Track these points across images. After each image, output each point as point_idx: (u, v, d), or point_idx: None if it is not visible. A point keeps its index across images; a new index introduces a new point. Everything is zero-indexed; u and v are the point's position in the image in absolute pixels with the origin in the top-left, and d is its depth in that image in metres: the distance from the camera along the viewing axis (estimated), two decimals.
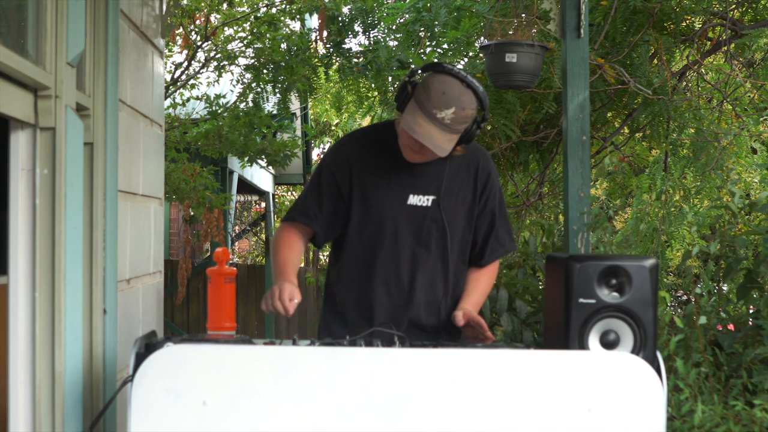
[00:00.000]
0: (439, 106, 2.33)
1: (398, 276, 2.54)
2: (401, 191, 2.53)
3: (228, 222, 8.79)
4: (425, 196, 2.53)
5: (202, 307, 9.36)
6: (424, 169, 2.53)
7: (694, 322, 3.23)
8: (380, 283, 2.55)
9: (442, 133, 2.35)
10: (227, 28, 7.43)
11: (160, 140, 3.50)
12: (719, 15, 5.06)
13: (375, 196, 2.53)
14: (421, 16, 5.87)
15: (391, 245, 2.54)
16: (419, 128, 2.34)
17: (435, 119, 2.33)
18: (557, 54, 4.57)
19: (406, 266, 2.54)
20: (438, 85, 2.35)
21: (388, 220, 2.53)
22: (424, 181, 2.53)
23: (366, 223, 2.55)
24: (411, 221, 2.53)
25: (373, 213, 2.53)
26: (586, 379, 1.98)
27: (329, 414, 1.93)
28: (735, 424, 2.80)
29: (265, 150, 7.07)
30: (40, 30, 2.16)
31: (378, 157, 2.55)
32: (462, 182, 2.57)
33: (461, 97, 2.35)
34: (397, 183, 2.53)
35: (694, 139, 5.51)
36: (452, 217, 2.55)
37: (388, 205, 2.53)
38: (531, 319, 3.92)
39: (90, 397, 2.46)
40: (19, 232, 2.14)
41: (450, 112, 2.33)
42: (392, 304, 2.55)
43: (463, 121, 2.37)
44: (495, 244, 2.64)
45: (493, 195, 2.62)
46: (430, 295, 2.56)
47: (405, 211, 2.53)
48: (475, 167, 2.59)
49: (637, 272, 2.12)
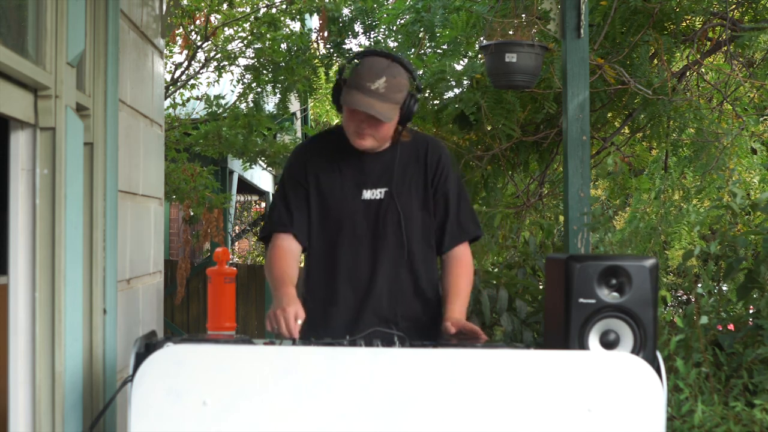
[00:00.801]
0: (370, 79, 2.44)
1: (359, 270, 2.60)
2: (355, 188, 2.60)
3: (228, 222, 8.79)
4: (378, 190, 2.60)
5: (202, 307, 9.34)
6: (375, 164, 2.61)
7: (694, 322, 3.23)
8: (344, 280, 2.61)
9: (381, 103, 2.44)
10: (227, 28, 7.43)
11: (160, 140, 3.50)
12: (719, 15, 5.06)
13: (331, 195, 2.61)
14: (420, 17, 5.88)
15: (351, 241, 2.60)
16: (357, 101, 2.45)
17: (370, 91, 2.44)
18: (557, 54, 4.57)
19: (366, 260, 2.60)
20: (365, 63, 2.48)
21: (345, 217, 2.60)
22: (376, 176, 2.60)
23: (325, 222, 2.63)
24: (367, 216, 2.60)
25: (331, 212, 2.61)
26: (586, 379, 1.98)
27: (329, 414, 1.93)
28: (735, 424, 2.80)
29: (265, 151, 7.08)
30: (40, 30, 2.16)
31: (330, 159, 2.63)
32: (412, 171, 2.63)
33: (389, 67, 2.46)
34: (350, 180, 2.61)
35: (694, 139, 5.52)
36: (406, 206, 2.60)
37: (344, 203, 2.60)
38: (531, 319, 3.92)
39: (90, 397, 2.46)
40: (19, 232, 2.14)
41: (382, 82, 2.43)
42: (357, 298, 2.60)
43: (398, 89, 2.47)
44: (454, 228, 2.65)
45: (445, 179, 2.64)
46: (394, 284, 2.60)
47: (360, 206, 2.60)
48: (423, 154, 2.64)
49: (637, 272, 2.12)
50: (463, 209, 2.67)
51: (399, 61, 2.51)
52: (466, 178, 5.35)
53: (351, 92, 2.46)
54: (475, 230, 2.69)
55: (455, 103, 5.17)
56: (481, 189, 5.60)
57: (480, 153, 5.30)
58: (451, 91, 5.47)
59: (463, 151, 5.32)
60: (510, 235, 4.58)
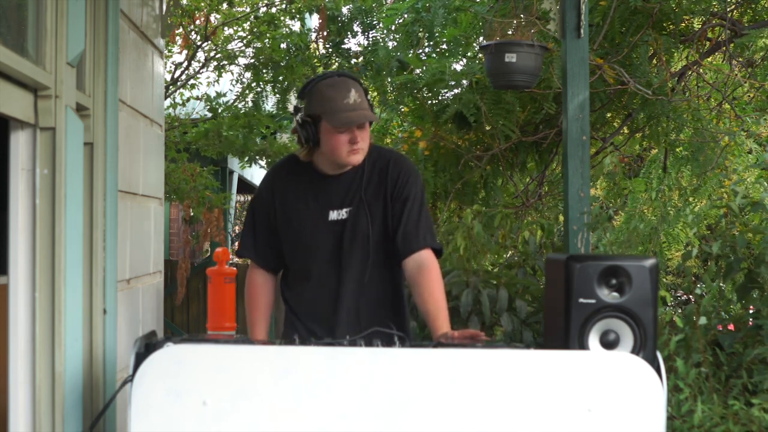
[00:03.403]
0: (344, 97, 2.53)
1: (327, 289, 2.66)
2: (321, 210, 2.66)
3: (228, 222, 8.79)
4: (342, 210, 2.65)
5: (202, 307, 9.33)
6: (339, 185, 2.66)
7: (694, 322, 3.23)
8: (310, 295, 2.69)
9: (365, 111, 2.55)
10: (227, 27, 7.43)
11: (160, 140, 3.50)
12: (719, 15, 5.07)
13: (298, 219, 2.68)
14: (420, 17, 5.88)
15: (319, 261, 2.66)
16: (351, 117, 2.52)
17: (351, 105, 2.53)
18: (557, 54, 4.57)
19: (333, 279, 2.65)
20: (324, 88, 2.56)
21: (312, 240, 2.66)
22: (340, 197, 2.65)
23: (295, 246, 2.69)
24: (333, 236, 2.65)
25: (300, 236, 2.67)
26: (586, 379, 1.98)
27: (329, 414, 1.93)
28: (734, 424, 2.81)
29: (265, 151, 7.08)
30: (40, 30, 2.16)
31: (295, 185, 2.70)
32: (375, 187, 2.66)
33: (345, 82, 2.57)
34: (315, 203, 2.66)
35: (693, 139, 5.52)
36: (366, 224, 2.63)
37: (311, 226, 2.66)
38: (531, 319, 3.92)
39: (90, 397, 2.46)
40: (19, 232, 2.14)
41: (354, 94, 2.54)
42: (324, 314, 2.66)
43: (363, 95, 2.58)
44: (410, 233, 2.62)
45: (402, 189, 2.66)
46: (360, 300, 2.65)
47: (327, 227, 2.65)
48: (385, 168, 2.68)
49: (637, 272, 2.12)
50: (423, 220, 2.66)
51: (344, 74, 2.64)
52: (465, 178, 5.36)
53: (336, 115, 2.52)
54: (431, 241, 2.65)
55: (454, 103, 5.17)
56: (480, 189, 5.60)
57: (479, 153, 5.30)
58: (450, 91, 5.47)
59: (462, 151, 5.32)
60: (510, 235, 4.57)
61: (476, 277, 3.95)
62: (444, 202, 5.42)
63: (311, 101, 2.59)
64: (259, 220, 2.74)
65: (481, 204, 5.45)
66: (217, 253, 5.77)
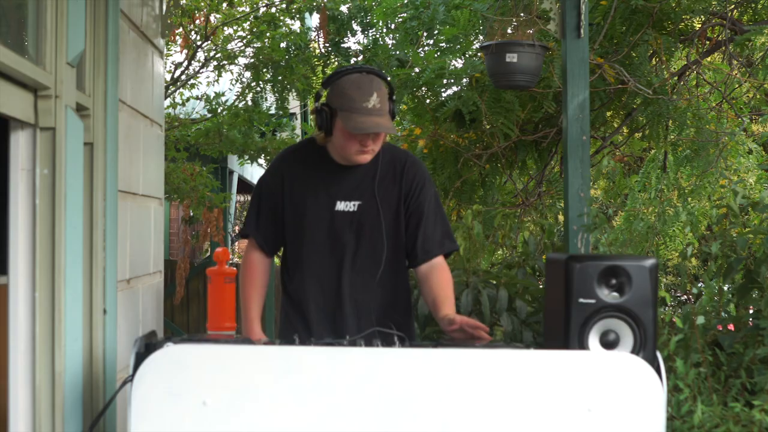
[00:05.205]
0: (364, 98, 2.50)
1: (329, 279, 2.66)
2: (329, 199, 2.66)
3: (228, 222, 8.79)
4: (351, 202, 2.65)
5: (202, 307, 9.34)
6: (351, 177, 2.66)
7: (693, 322, 3.23)
8: (313, 283, 2.67)
9: (382, 118, 2.53)
10: (227, 27, 7.42)
11: (160, 140, 3.50)
12: (718, 15, 5.06)
13: (305, 206, 2.67)
14: (419, 14, 5.87)
15: (323, 251, 2.66)
16: (365, 124, 2.50)
17: (369, 110, 2.50)
18: (557, 54, 4.57)
19: (336, 269, 2.65)
20: (349, 85, 2.54)
21: (318, 228, 2.65)
22: (350, 188, 2.65)
23: (299, 232, 2.68)
24: (339, 227, 2.65)
25: (305, 222, 2.67)
26: (586, 379, 1.98)
27: (329, 414, 1.93)
28: (734, 425, 2.80)
29: (266, 149, 7.08)
30: (40, 30, 2.16)
31: (305, 171, 2.69)
32: (388, 185, 2.67)
33: (372, 82, 2.55)
34: (324, 192, 2.66)
35: (693, 138, 5.52)
36: (377, 219, 2.64)
37: (317, 214, 2.66)
38: (531, 319, 3.92)
39: (90, 397, 2.46)
40: (19, 232, 2.14)
41: (375, 98, 2.51)
42: (327, 306, 2.66)
43: (386, 99, 2.56)
44: (428, 241, 2.67)
45: (419, 194, 2.68)
46: (364, 295, 2.65)
47: (333, 217, 2.65)
48: (401, 169, 2.69)
49: (637, 272, 2.12)
50: (439, 224, 2.70)
51: (374, 72, 2.60)
52: (464, 177, 5.36)
53: (352, 117, 2.51)
54: (450, 245, 2.71)
55: (454, 100, 5.18)
56: (479, 187, 5.60)
57: (478, 151, 5.30)
58: (450, 89, 5.47)
59: (462, 149, 5.32)
60: (510, 235, 4.58)
61: (476, 277, 3.95)
62: (443, 201, 5.42)
63: (333, 93, 2.58)
64: (264, 202, 2.73)
65: (479, 202, 5.46)
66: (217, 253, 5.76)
